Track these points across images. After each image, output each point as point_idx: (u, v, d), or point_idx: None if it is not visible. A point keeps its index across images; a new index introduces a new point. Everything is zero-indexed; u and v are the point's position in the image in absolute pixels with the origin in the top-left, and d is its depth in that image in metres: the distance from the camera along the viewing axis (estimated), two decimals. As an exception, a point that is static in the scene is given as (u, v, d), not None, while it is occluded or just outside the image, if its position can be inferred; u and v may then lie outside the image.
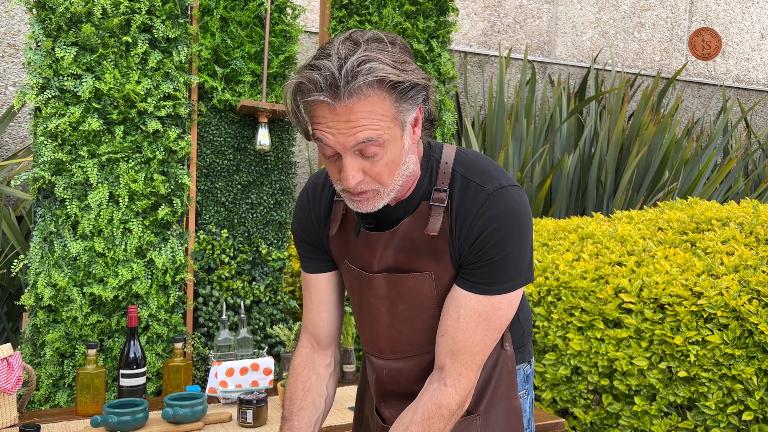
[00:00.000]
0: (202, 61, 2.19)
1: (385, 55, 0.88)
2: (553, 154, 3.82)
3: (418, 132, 0.97)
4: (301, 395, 1.14)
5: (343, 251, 1.12)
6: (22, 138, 3.26)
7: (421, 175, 1.03)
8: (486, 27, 4.42)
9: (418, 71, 0.92)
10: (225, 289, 2.22)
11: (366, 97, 0.87)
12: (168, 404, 1.68)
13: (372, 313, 1.11)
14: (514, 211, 0.98)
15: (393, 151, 0.93)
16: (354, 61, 0.86)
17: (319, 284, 1.18)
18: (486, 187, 0.99)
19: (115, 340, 2.05)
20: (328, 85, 0.87)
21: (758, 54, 5.38)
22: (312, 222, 1.15)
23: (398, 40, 0.93)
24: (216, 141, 2.23)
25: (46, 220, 1.99)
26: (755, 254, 1.82)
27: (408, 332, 1.10)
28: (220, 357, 2.01)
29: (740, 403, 1.63)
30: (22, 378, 1.76)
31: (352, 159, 0.92)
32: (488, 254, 0.98)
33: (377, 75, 0.86)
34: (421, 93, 0.93)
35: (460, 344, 1.02)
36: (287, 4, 2.31)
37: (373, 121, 0.89)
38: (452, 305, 1.03)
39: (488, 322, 1.01)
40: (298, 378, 1.17)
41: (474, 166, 1.02)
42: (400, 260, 1.05)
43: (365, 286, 1.10)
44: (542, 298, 2.08)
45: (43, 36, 1.95)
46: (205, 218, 2.22)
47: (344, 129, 0.89)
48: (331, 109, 0.88)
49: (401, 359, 1.12)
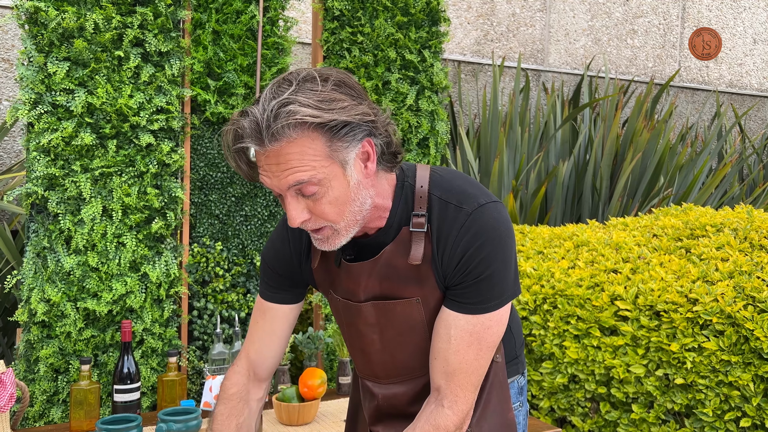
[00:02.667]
0: (194, 75, 2.19)
1: (309, 96, 0.88)
2: (547, 161, 3.83)
3: (371, 167, 0.96)
4: (233, 430, 1.12)
5: (327, 282, 1.12)
6: (17, 152, 3.25)
7: (395, 202, 1.03)
8: (479, 36, 4.44)
9: (351, 108, 0.91)
10: (220, 302, 2.22)
11: (292, 139, 0.89)
12: (162, 419, 1.66)
13: (363, 340, 1.10)
14: (494, 228, 0.98)
15: (336, 189, 0.93)
16: (275, 104, 0.88)
17: (276, 315, 1.16)
18: (464, 207, 0.99)
19: (109, 355, 2.04)
20: (252, 131, 0.89)
21: (751, 59, 5.41)
22: (290, 253, 1.13)
23: (333, 76, 0.92)
24: (209, 154, 2.23)
25: (39, 235, 1.99)
26: (750, 260, 1.82)
27: (401, 356, 1.09)
28: (215, 370, 2.00)
29: (738, 409, 1.63)
30: (15, 395, 1.74)
31: (293, 199, 0.94)
32: (473, 274, 0.98)
33: (296, 117, 0.87)
34: (358, 129, 0.92)
35: (453, 366, 1.01)
36: (279, 16, 2.32)
37: (304, 162, 0.90)
38: (442, 327, 1.02)
39: (480, 341, 1.01)
40: (232, 410, 1.14)
41: (450, 186, 1.02)
42: (386, 288, 1.04)
43: (354, 315, 1.09)
44: (538, 307, 2.08)
45: (35, 51, 1.95)
46: (199, 231, 2.21)
47: (277, 172, 0.91)
48: (262, 153, 0.91)
49: (397, 383, 1.12)
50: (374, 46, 2.41)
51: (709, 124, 5.11)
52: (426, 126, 2.50)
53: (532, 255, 2.31)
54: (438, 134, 2.53)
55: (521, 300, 2.11)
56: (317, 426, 1.83)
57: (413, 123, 2.48)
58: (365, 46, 2.40)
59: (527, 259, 2.28)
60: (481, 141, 3.78)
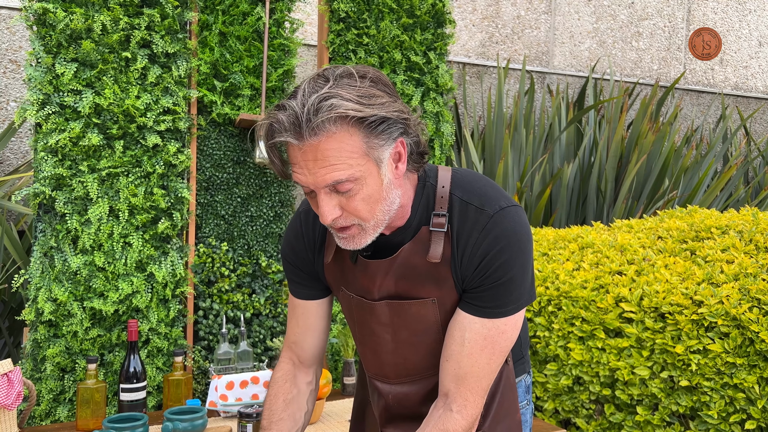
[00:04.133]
0: (201, 76, 2.20)
1: (350, 91, 0.87)
2: (552, 163, 3.83)
3: (402, 167, 0.96)
4: (281, 407, 1.13)
5: (339, 279, 1.10)
6: (24, 153, 3.27)
7: (417, 201, 1.02)
8: (484, 38, 4.45)
9: (389, 105, 0.90)
10: (225, 302, 2.22)
11: (331, 134, 0.87)
12: (168, 418, 1.67)
13: (375, 340, 1.09)
14: (515, 232, 0.97)
15: (370, 186, 0.92)
16: (316, 98, 0.86)
17: (307, 311, 1.16)
18: (486, 209, 0.98)
19: (115, 354, 2.05)
20: (291, 124, 0.87)
21: (756, 62, 5.40)
22: (305, 248, 1.12)
23: (370, 73, 0.92)
24: (215, 154, 2.24)
25: (46, 235, 2.00)
26: (755, 262, 1.82)
27: (413, 357, 1.08)
28: (220, 370, 2.01)
29: (743, 412, 1.62)
30: (23, 393, 1.75)
31: (326, 196, 0.92)
32: (492, 277, 0.97)
33: (338, 111, 0.85)
34: (395, 127, 0.91)
35: (465, 369, 1.00)
36: (285, 18, 2.33)
37: (342, 160, 0.88)
38: (456, 330, 1.01)
39: (494, 345, 1.00)
40: (279, 390, 1.15)
41: (471, 187, 1.01)
42: (401, 287, 1.03)
43: (366, 314, 1.08)
44: (543, 308, 2.08)
45: (43, 53, 1.97)
46: (205, 231, 2.22)
47: (314, 168, 0.89)
48: (299, 148, 0.88)
49: (407, 383, 1.11)
50: (380, 47, 2.42)
51: (715, 126, 5.10)
52: (431, 127, 2.50)
53: (536, 257, 2.31)
54: (443, 136, 2.53)
55: (526, 301, 2.12)
56: (322, 426, 1.83)
57: (418, 124, 2.49)
58: (371, 48, 2.41)
59: (532, 261, 2.28)
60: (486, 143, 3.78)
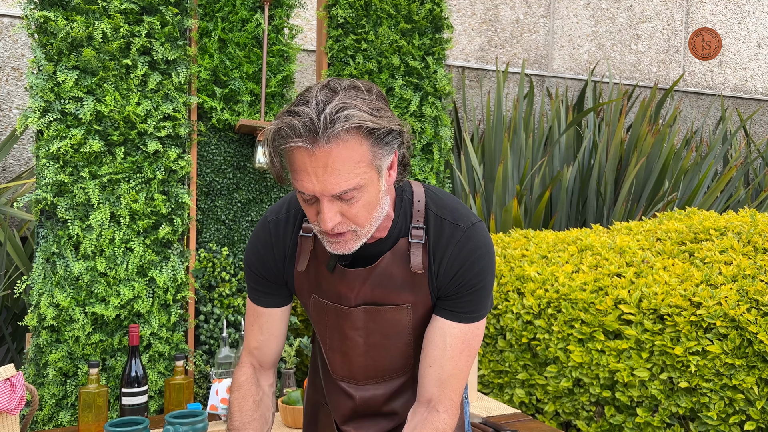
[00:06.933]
0: (201, 82, 2.22)
1: (362, 102, 0.91)
2: (552, 166, 3.84)
3: (393, 175, 1.01)
4: (252, 408, 1.16)
5: (311, 286, 1.13)
6: (26, 159, 3.29)
7: (396, 214, 1.07)
8: (483, 42, 4.46)
9: (393, 118, 0.95)
10: (226, 307, 2.24)
11: (344, 142, 0.89)
12: (169, 422, 1.68)
13: (347, 343, 1.13)
14: (485, 245, 1.07)
15: (370, 194, 0.96)
16: (333, 107, 0.88)
17: (271, 319, 1.18)
18: (459, 224, 1.06)
19: (117, 359, 2.06)
20: (306, 130, 0.88)
21: (755, 63, 5.40)
22: (274, 258, 1.14)
23: (374, 88, 0.96)
24: (216, 160, 2.26)
25: (48, 240, 2.01)
26: (753, 263, 1.82)
27: (383, 359, 1.13)
28: (221, 374, 2.02)
29: (742, 413, 1.63)
30: (25, 398, 1.76)
31: (330, 203, 0.94)
32: (467, 285, 1.06)
33: (355, 121, 0.89)
34: (397, 139, 0.96)
35: (448, 372, 1.07)
36: (284, 24, 2.35)
37: (350, 169, 0.91)
38: (437, 336, 1.08)
39: (470, 348, 1.08)
40: (247, 393, 1.18)
41: (443, 204, 1.09)
42: (378, 294, 1.08)
43: (341, 319, 1.12)
44: (542, 311, 2.09)
45: (44, 60, 1.99)
46: (206, 236, 2.24)
47: (323, 176, 0.91)
48: (309, 154, 0.90)
49: (374, 384, 1.16)
50: (378, 53, 2.43)
51: (714, 128, 5.10)
52: (430, 132, 2.52)
53: (536, 259, 2.32)
54: (442, 140, 2.55)
55: (525, 304, 2.12)
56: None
57: (417, 129, 2.50)
58: (369, 53, 2.43)
59: (531, 264, 2.29)
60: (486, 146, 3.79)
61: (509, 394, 2.19)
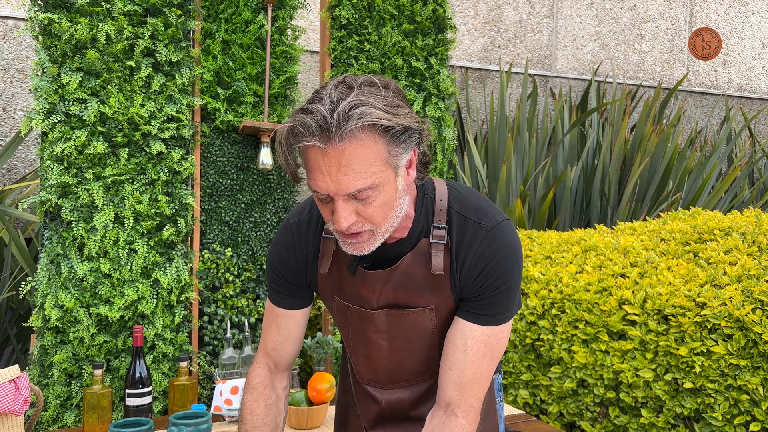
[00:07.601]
0: (204, 84, 2.22)
1: (377, 99, 0.88)
2: (555, 166, 3.83)
3: (412, 174, 0.97)
4: (264, 412, 1.15)
5: (334, 289, 1.11)
6: (31, 161, 3.31)
7: (417, 213, 1.04)
8: (486, 42, 4.46)
9: (410, 115, 0.92)
10: (230, 308, 2.24)
11: (358, 140, 0.87)
12: (173, 423, 1.68)
13: (370, 347, 1.11)
14: (511, 245, 1.02)
15: (386, 193, 0.93)
16: (346, 105, 0.86)
17: (290, 320, 1.17)
18: (483, 223, 1.02)
19: (121, 359, 2.07)
20: (319, 128, 0.86)
21: (760, 63, 5.39)
22: (296, 260, 1.12)
23: (392, 84, 0.93)
24: (219, 161, 2.26)
25: (53, 242, 2.02)
26: (758, 264, 1.81)
27: (408, 363, 1.11)
28: (225, 375, 2.02)
29: (747, 413, 1.62)
30: (30, 399, 1.77)
31: (345, 203, 0.91)
32: (491, 287, 1.01)
33: (368, 119, 0.86)
34: (414, 136, 0.92)
35: (468, 376, 1.03)
36: (288, 25, 2.35)
37: (365, 168, 0.88)
38: (458, 338, 1.04)
39: (492, 351, 1.04)
40: (260, 396, 1.16)
41: (467, 202, 1.05)
42: (400, 296, 1.05)
43: (364, 322, 1.10)
44: (546, 311, 2.08)
45: (49, 62, 1.99)
46: (210, 237, 2.24)
47: (336, 175, 0.88)
48: (323, 153, 0.88)
49: (400, 388, 1.13)
50: (381, 54, 2.44)
51: (718, 128, 5.09)
52: (433, 132, 2.52)
53: (540, 260, 2.31)
54: (445, 140, 2.55)
55: (529, 305, 2.12)
56: (326, 430, 1.84)
57: (420, 129, 2.50)
58: (372, 54, 2.43)
59: (535, 264, 2.28)
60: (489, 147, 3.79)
61: (513, 394, 2.18)
